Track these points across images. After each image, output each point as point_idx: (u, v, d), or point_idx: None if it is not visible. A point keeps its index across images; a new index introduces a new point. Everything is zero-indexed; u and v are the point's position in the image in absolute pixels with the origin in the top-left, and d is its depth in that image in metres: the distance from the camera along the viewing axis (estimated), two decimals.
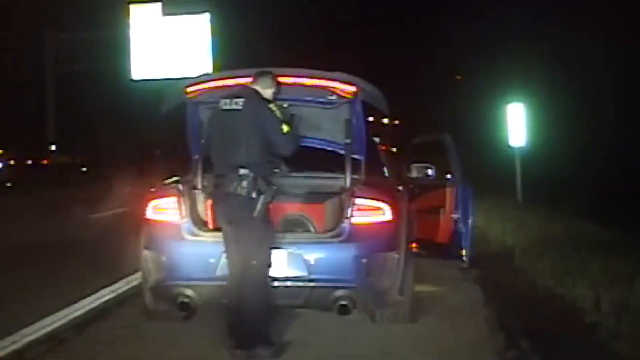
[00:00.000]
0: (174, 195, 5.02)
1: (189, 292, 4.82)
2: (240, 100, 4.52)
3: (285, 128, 4.47)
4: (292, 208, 5.39)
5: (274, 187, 4.54)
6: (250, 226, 4.45)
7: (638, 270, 6.16)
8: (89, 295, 6.17)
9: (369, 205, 4.83)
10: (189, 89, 5.11)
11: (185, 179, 5.33)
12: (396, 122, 52.69)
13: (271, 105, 4.54)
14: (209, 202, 5.36)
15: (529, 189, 14.43)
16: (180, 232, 4.88)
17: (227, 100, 4.56)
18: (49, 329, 5.18)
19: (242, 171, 4.42)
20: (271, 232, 4.64)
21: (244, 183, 4.39)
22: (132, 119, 38.10)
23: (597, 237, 9.36)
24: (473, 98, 33.54)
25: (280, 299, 4.73)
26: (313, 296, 4.66)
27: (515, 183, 14.12)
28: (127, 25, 31.04)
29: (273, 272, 4.63)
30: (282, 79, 4.96)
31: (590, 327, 4.97)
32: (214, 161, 4.69)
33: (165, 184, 5.27)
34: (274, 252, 4.61)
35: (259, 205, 4.41)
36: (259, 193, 4.41)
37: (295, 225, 5.30)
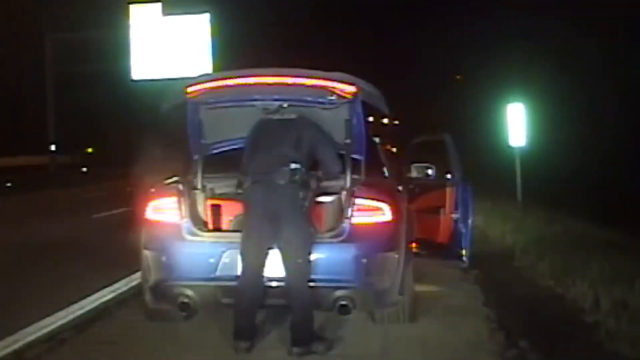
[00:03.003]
0: (174, 195, 5.02)
1: (189, 292, 4.82)
2: (294, 115, 4.88)
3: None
4: None
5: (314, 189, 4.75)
6: (296, 222, 4.53)
7: (638, 270, 6.15)
8: (89, 295, 6.17)
9: (369, 205, 4.83)
10: (190, 89, 5.11)
11: (185, 179, 5.33)
12: (396, 122, 52.71)
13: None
14: (209, 202, 5.36)
15: (529, 189, 14.40)
16: (180, 232, 4.88)
17: (279, 114, 4.89)
18: (49, 329, 5.18)
19: (293, 165, 4.58)
20: (312, 230, 4.72)
21: (297, 177, 4.56)
22: (132, 119, 38.12)
23: (597, 237, 9.38)
24: (473, 98, 33.55)
25: (280, 299, 4.73)
26: (313, 296, 4.66)
27: (515, 183, 14.11)
28: (127, 26, 31.09)
29: (273, 272, 4.64)
30: (282, 79, 4.96)
31: (590, 327, 4.97)
32: (259, 160, 4.71)
33: (165, 184, 5.27)
34: (274, 252, 4.62)
35: (307, 201, 4.57)
36: (307, 188, 4.59)
37: None
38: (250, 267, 4.59)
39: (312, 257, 4.64)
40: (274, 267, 4.63)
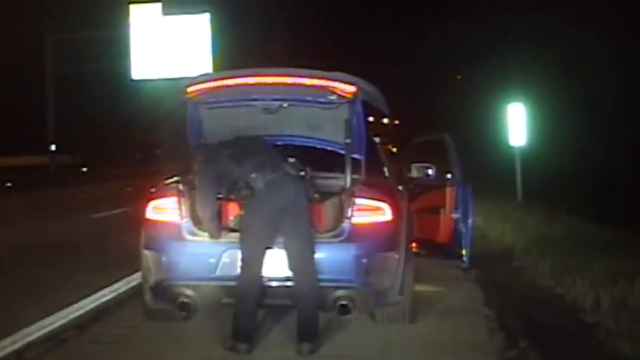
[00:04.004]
0: (174, 195, 5.01)
1: (189, 292, 4.81)
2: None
3: None
4: None
5: None
6: (301, 215, 4.58)
7: (638, 270, 6.16)
8: (89, 295, 6.17)
9: (369, 205, 4.83)
10: (189, 89, 5.12)
11: (185, 179, 5.32)
12: (396, 122, 52.75)
13: None
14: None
15: (529, 189, 14.43)
16: (180, 232, 4.88)
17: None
18: (49, 329, 5.17)
19: (292, 160, 4.72)
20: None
21: (300, 168, 4.70)
22: (132, 119, 38.12)
23: (597, 237, 9.37)
24: (473, 98, 33.54)
25: (280, 299, 4.73)
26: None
27: (515, 183, 14.13)
28: (127, 25, 31.08)
29: (274, 272, 4.64)
30: (282, 79, 4.97)
31: (590, 327, 4.97)
32: (258, 162, 4.67)
33: (165, 184, 5.27)
34: (274, 252, 4.63)
35: (312, 191, 4.70)
36: (308, 180, 4.73)
37: None
38: (250, 268, 4.58)
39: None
40: (277, 267, 4.64)
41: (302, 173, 4.71)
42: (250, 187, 4.61)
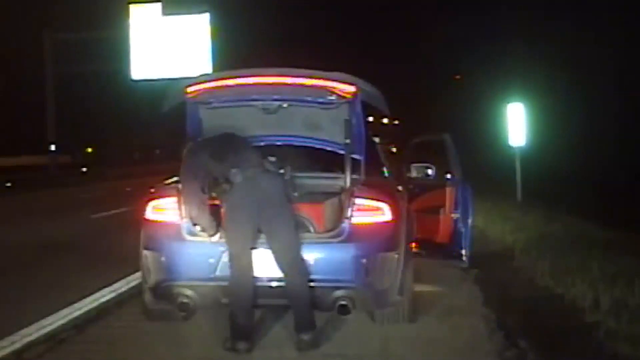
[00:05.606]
0: (174, 195, 5.01)
1: (189, 292, 4.81)
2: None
3: None
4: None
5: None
6: (285, 209, 4.61)
7: (638, 270, 6.16)
8: (89, 295, 6.17)
9: (369, 205, 4.83)
10: (189, 89, 5.12)
11: None
12: (396, 122, 52.79)
13: None
14: (209, 202, 5.36)
15: (528, 189, 14.43)
16: (180, 232, 4.88)
17: None
18: (49, 329, 5.18)
19: (272, 159, 4.75)
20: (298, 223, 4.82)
21: (279, 166, 4.76)
22: (132, 119, 38.19)
23: (597, 237, 9.37)
24: (473, 98, 33.56)
25: (280, 299, 4.73)
26: (313, 296, 4.66)
27: (515, 183, 14.13)
28: (127, 25, 31.06)
29: (273, 272, 4.64)
30: (281, 79, 4.97)
31: (590, 327, 4.97)
32: (239, 158, 4.71)
33: (165, 184, 5.27)
34: (265, 253, 4.63)
35: (292, 188, 4.75)
36: (287, 178, 4.77)
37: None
38: (240, 264, 4.59)
39: (312, 257, 4.65)
40: (271, 267, 4.64)
41: (281, 171, 4.74)
42: (230, 182, 4.64)
